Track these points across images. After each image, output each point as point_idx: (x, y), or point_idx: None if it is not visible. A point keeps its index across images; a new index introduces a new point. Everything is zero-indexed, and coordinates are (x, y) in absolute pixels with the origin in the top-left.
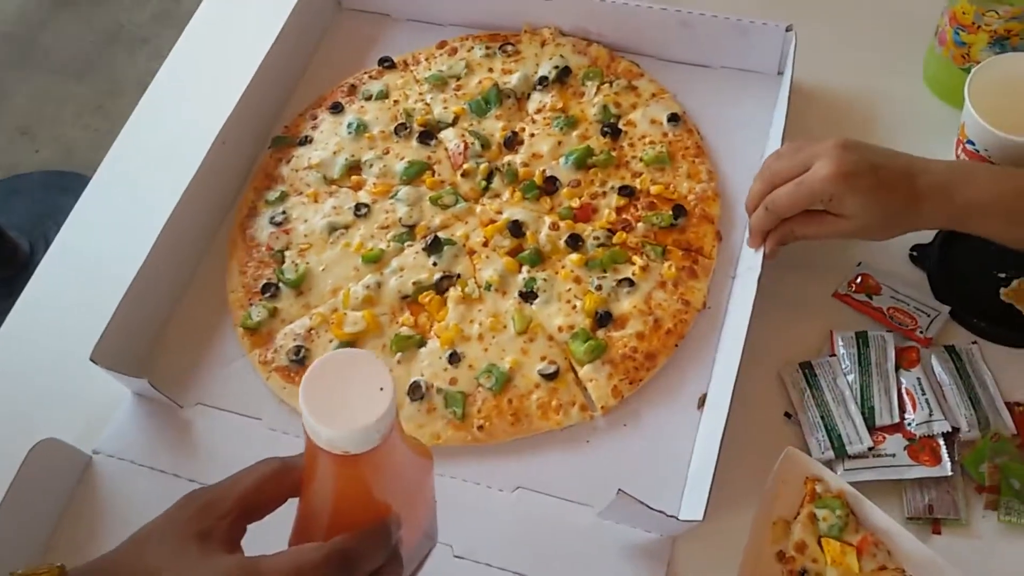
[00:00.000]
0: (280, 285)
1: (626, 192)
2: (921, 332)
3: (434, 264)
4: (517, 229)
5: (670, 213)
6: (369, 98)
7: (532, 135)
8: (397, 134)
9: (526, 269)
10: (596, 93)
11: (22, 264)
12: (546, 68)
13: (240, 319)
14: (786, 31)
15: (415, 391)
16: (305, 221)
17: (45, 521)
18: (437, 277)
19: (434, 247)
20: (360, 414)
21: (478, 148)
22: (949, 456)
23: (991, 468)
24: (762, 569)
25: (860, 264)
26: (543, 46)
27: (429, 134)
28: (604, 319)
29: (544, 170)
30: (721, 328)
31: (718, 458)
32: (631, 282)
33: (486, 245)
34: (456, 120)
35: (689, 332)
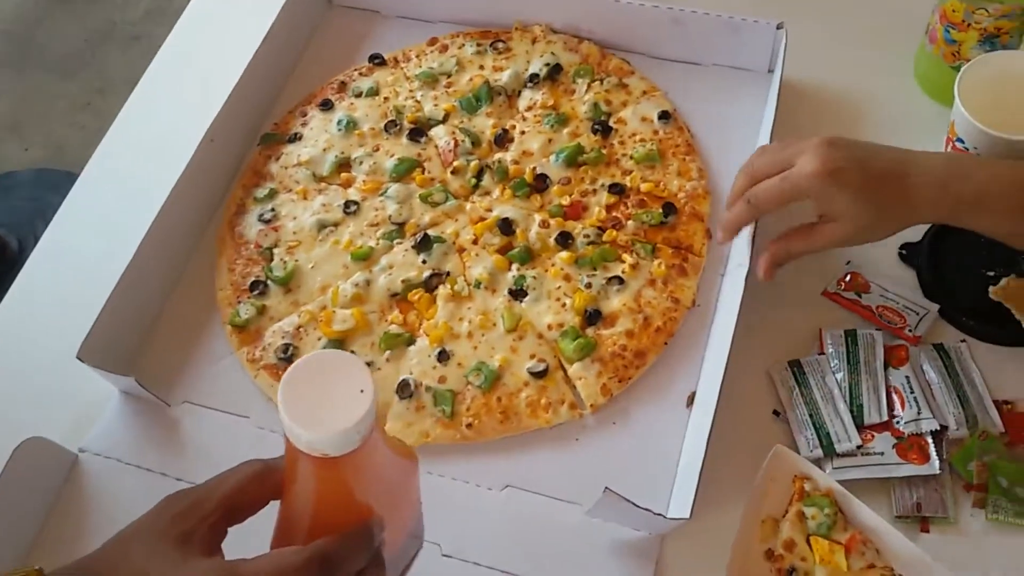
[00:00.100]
0: (269, 283)
1: (616, 190)
2: (910, 330)
3: (423, 262)
4: (507, 227)
5: (660, 211)
6: (359, 95)
7: (523, 132)
8: (387, 131)
9: (516, 267)
10: (587, 91)
11: (11, 262)
12: (537, 65)
13: (228, 317)
14: (777, 29)
15: (404, 389)
16: (294, 218)
17: (31, 520)
18: (426, 275)
19: (423, 245)
20: (339, 416)
21: (468, 145)
22: (937, 454)
23: (979, 466)
24: (750, 567)
25: (849, 263)
26: (534, 43)
27: (419, 131)
28: (594, 317)
29: (534, 168)
30: (710, 326)
31: (705, 456)
32: (621, 280)
33: (476, 243)
34: (446, 117)
35: (679, 330)
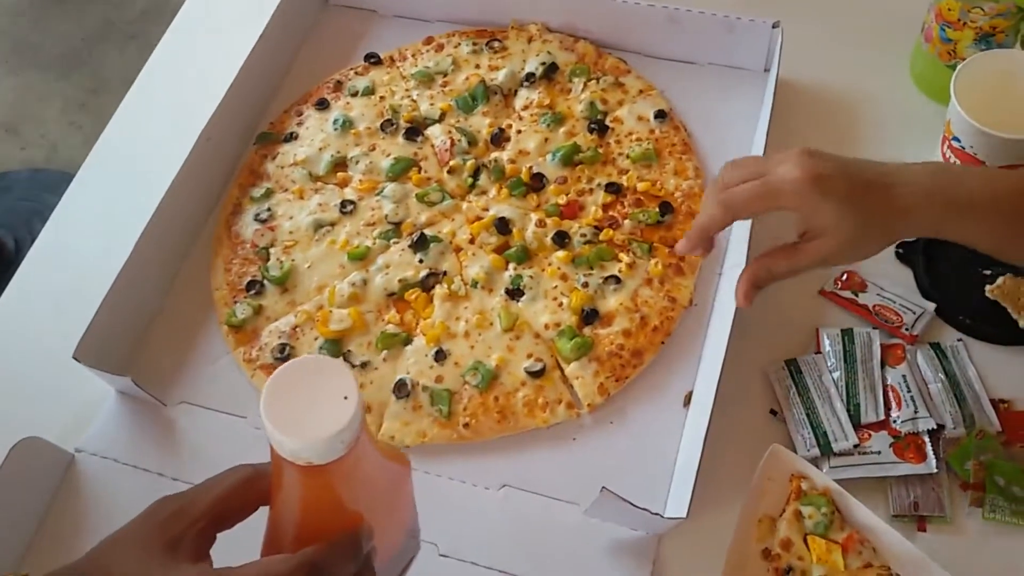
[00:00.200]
0: (265, 282)
1: (613, 189)
2: (907, 329)
3: (420, 261)
4: (503, 226)
5: (657, 210)
6: (355, 94)
7: (519, 132)
8: (383, 131)
9: (512, 266)
10: (583, 90)
11: (7, 262)
12: (533, 65)
13: (225, 316)
14: (773, 28)
15: (401, 389)
16: (290, 218)
17: (27, 520)
18: (423, 274)
19: (420, 244)
20: (323, 424)
21: (465, 145)
22: (934, 453)
23: (976, 465)
24: (748, 566)
25: None
26: (530, 42)
27: (415, 131)
28: (590, 316)
29: (531, 167)
30: (707, 325)
31: (702, 455)
32: (617, 279)
33: (472, 242)
34: (443, 116)
35: (675, 329)
